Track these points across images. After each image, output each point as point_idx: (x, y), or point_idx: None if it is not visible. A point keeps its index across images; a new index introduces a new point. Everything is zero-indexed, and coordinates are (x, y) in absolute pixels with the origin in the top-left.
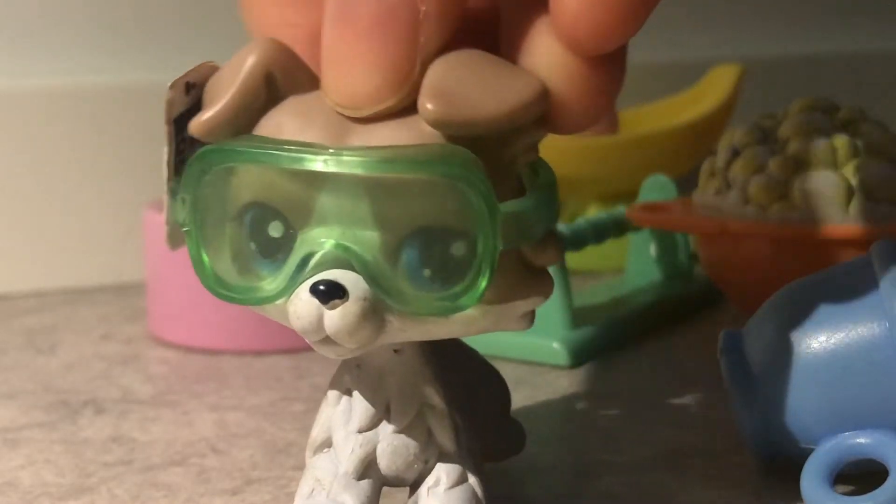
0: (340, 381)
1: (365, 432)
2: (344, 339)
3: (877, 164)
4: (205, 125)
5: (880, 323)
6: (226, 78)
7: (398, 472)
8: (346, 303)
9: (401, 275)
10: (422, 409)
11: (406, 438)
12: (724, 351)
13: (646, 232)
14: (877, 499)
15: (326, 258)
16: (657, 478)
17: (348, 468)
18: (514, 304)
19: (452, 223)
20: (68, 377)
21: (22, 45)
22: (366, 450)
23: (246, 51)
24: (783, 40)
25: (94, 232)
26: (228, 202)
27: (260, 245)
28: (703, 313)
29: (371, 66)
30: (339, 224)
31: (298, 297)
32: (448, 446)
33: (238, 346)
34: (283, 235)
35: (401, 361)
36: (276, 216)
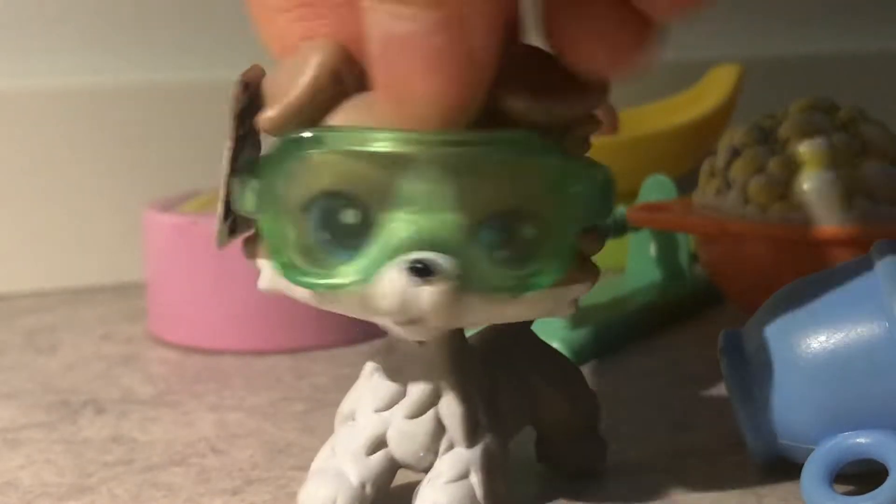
0: (373, 361)
1: (381, 412)
2: (434, 317)
3: (877, 164)
4: (275, 120)
5: (880, 323)
6: (287, 77)
7: (405, 457)
8: (439, 280)
9: (481, 255)
10: (435, 400)
11: (415, 425)
12: (724, 351)
13: (646, 232)
14: (877, 499)
15: (413, 240)
16: (657, 478)
17: (359, 443)
18: (571, 287)
19: (529, 205)
20: (68, 377)
21: (22, 45)
22: (377, 429)
23: (307, 51)
24: (783, 40)
25: (94, 232)
26: (296, 192)
27: (333, 233)
28: (703, 313)
29: (429, 100)
30: (422, 207)
31: (387, 277)
32: (459, 441)
33: (238, 346)
34: (359, 222)
35: (422, 352)
36: (351, 204)
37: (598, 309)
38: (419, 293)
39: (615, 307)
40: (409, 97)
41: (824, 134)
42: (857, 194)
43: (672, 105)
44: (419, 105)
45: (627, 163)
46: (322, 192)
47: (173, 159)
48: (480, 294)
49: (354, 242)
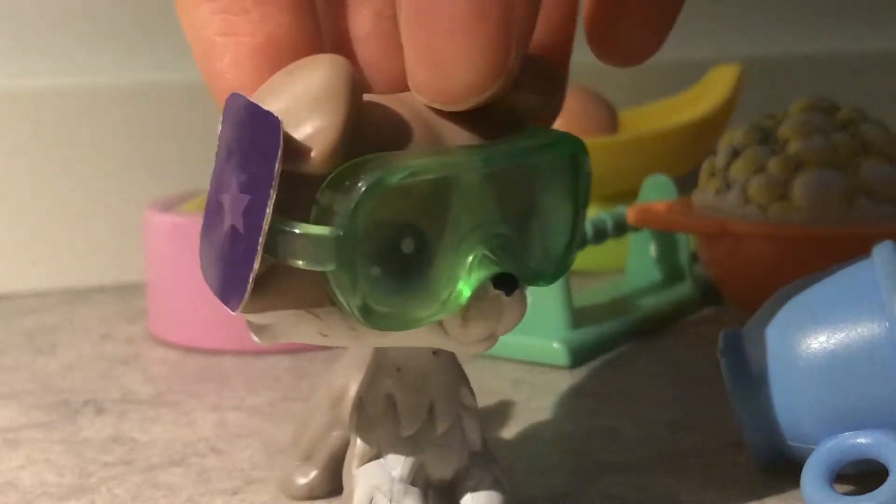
0: (379, 388)
1: (414, 436)
2: (513, 326)
3: (877, 164)
4: (326, 155)
5: (880, 323)
6: (307, 101)
7: (443, 473)
8: (519, 291)
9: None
10: (460, 410)
11: (448, 439)
12: (724, 351)
13: (646, 232)
14: (877, 499)
15: (485, 259)
16: (657, 478)
17: (403, 473)
18: None
19: (559, 195)
20: (68, 377)
21: (22, 45)
22: (417, 454)
23: (313, 67)
24: (783, 40)
25: (94, 232)
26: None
27: (387, 267)
28: (703, 313)
29: (468, 62)
30: (476, 223)
31: (480, 299)
32: (478, 445)
33: (238, 346)
34: (415, 251)
35: (440, 363)
36: (406, 232)
37: (598, 309)
38: (505, 307)
39: (615, 307)
40: (443, 56)
41: (824, 134)
42: (857, 194)
43: (672, 105)
44: (458, 69)
45: (627, 163)
46: (376, 225)
47: (173, 159)
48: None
49: (412, 273)
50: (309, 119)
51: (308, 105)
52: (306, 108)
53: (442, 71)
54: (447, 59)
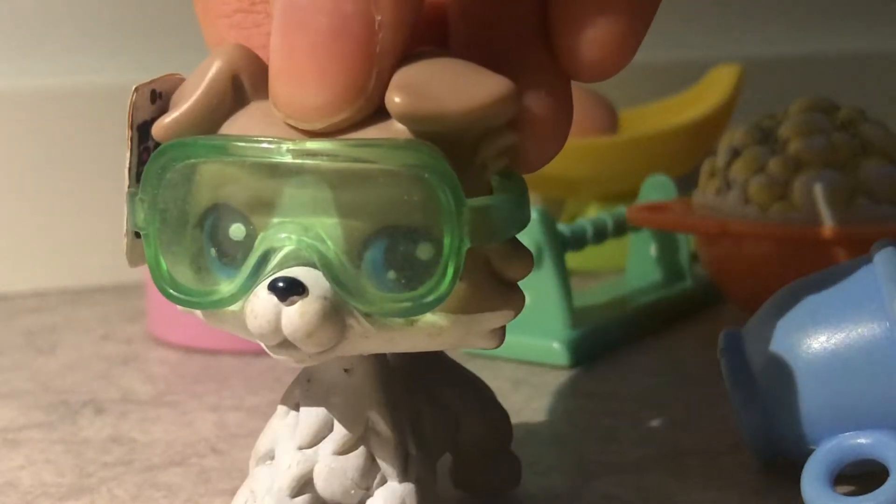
0: (291, 394)
1: (305, 449)
2: (302, 339)
3: (877, 164)
4: (168, 127)
5: (880, 323)
6: (191, 84)
7: (334, 496)
8: (305, 300)
9: (364, 274)
10: (366, 433)
11: (345, 461)
12: (724, 351)
13: (646, 232)
14: (877, 499)
15: (287, 256)
16: (657, 478)
17: (283, 484)
18: (483, 316)
19: (418, 221)
20: (68, 377)
21: (22, 45)
22: (303, 468)
23: (212, 57)
24: (783, 40)
25: (94, 232)
26: (189, 206)
27: (220, 249)
28: (703, 313)
29: (325, 79)
30: (302, 222)
31: (256, 295)
32: (392, 475)
33: (238, 346)
34: (244, 237)
35: (349, 382)
36: (237, 218)
37: (598, 309)
38: (285, 315)
39: (615, 307)
40: (300, 71)
41: (824, 134)
42: (857, 194)
43: (672, 105)
44: (309, 81)
45: (627, 163)
46: (212, 205)
47: None
48: (368, 318)
49: (238, 258)
50: (183, 94)
51: (189, 83)
52: (187, 86)
53: (297, 87)
54: (303, 75)
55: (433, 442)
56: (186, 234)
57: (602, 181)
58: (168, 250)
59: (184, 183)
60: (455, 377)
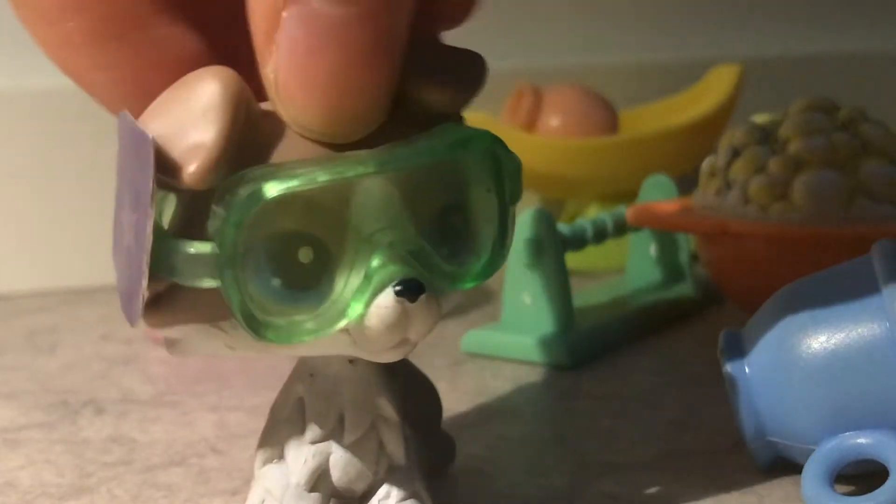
0: (291, 391)
1: (318, 444)
2: (426, 332)
3: (877, 164)
4: (201, 174)
5: (880, 323)
6: (187, 117)
7: (350, 484)
8: (426, 295)
9: (435, 255)
10: (375, 420)
11: (359, 450)
12: (724, 351)
13: (646, 232)
14: (877, 499)
15: (387, 263)
16: (657, 478)
17: (300, 479)
18: None
19: (459, 195)
20: (68, 377)
21: (22, 45)
22: (318, 461)
23: (196, 81)
24: (783, 40)
25: (95, 232)
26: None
27: (287, 278)
28: (703, 313)
29: (364, 93)
30: (377, 229)
31: (381, 306)
32: (398, 459)
33: None
34: (314, 261)
35: (355, 372)
36: (304, 242)
37: (598, 309)
38: (411, 314)
39: (615, 307)
40: (336, 88)
41: (824, 134)
42: (857, 194)
43: (672, 105)
44: (346, 96)
45: (627, 163)
46: (272, 237)
47: None
48: (441, 295)
49: (314, 282)
50: (190, 134)
51: (191, 121)
52: (189, 124)
53: (334, 102)
54: (339, 91)
55: (413, 423)
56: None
57: (602, 181)
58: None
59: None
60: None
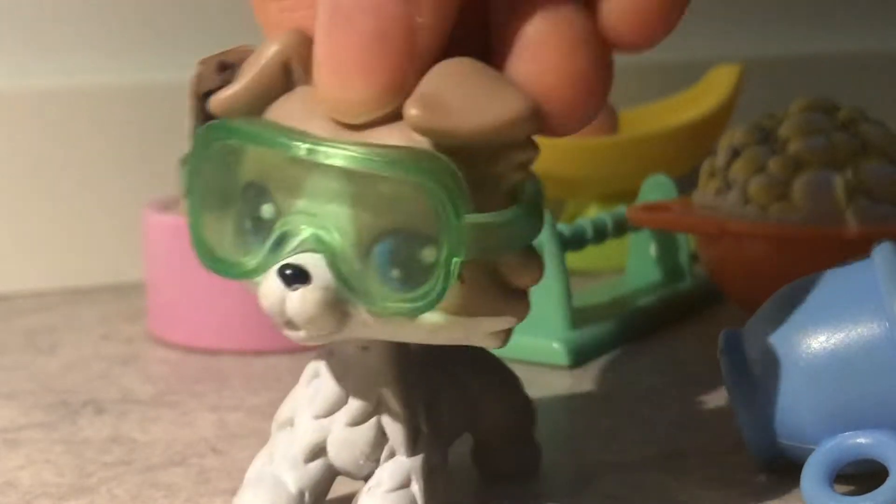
0: (313, 365)
1: (321, 419)
2: (302, 323)
3: (877, 164)
4: (223, 102)
5: (880, 323)
6: (251, 62)
7: (344, 465)
8: (307, 287)
9: (370, 271)
10: (378, 408)
11: (356, 433)
12: (724, 351)
13: (646, 232)
14: (877, 499)
15: (301, 243)
16: (657, 478)
17: (298, 450)
18: (484, 319)
19: (424, 227)
20: (68, 377)
21: (22, 45)
22: (317, 436)
23: (270, 41)
24: (783, 40)
25: (94, 232)
26: (234, 179)
27: (254, 223)
28: (703, 313)
29: (368, 78)
30: (320, 213)
31: (267, 277)
32: (400, 450)
33: (238, 346)
34: (271, 217)
35: (364, 358)
36: (269, 197)
37: (598, 309)
38: (286, 298)
39: (615, 307)
40: (346, 69)
41: (824, 134)
42: (857, 194)
43: (672, 105)
44: (354, 78)
45: (627, 163)
46: (251, 182)
47: (173, 159)
48: (369, 311)
49: (265, 235)
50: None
51: (245, 65)
52: (244, 67)
53: (342, 84)
54: (348, 72)
55: (449, 422)
56: (231, 204)
57: (602, 181)
58: (212, 218)
59: (227, 159)
60: (480, 361)
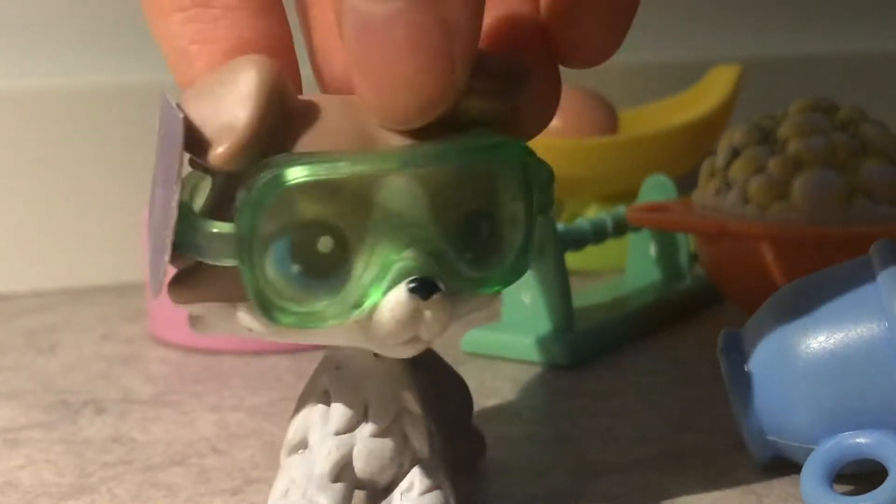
0: (317, 383)
1: (342, 434)
2: (437, 332)
3: (877, 164)
4: (229, 155)
5: (880, 323)
6: (223, 101)
7: (373, 475)
8: (439, 295)
9: (456, 260)
10: (399, 413)
11: (382, 442)
12: (724, 351)
13: (646, 232)
14: (877, 499)
15: (403, 260)
16: (657, 478)
17: (324, 470)
18: None
19: (488, 203)
20: (68, 377)
21: (22, 45)
22: (342, 452)
23: (236, 69)
24: (783, 40)
25: (94, 232)
26: (265, 228)
27: (305, 265)
28: (703, 313)
29: (413, 88)
30: (397, 225)
31: (392, 301)
32: (423, 452)
33: (238, 346)
34: (333, 250)
35: (380, 365)
36: (325, 231)
37: (598, 309)
38: (423, 312)
39: (615, 307)
40: (388, 83)
41: (824, 134)
42: (857, 194)
43: (672, 105)
44: (399, 91)
45: (627, 163)
46: (294, 224)
47: None
48: (456, 298)
49: (331, 272)
50: (223, 117)
51: (225, 105)
52: (224, 108)
53: (388, 97)
54: (392, 86)
55: (440, 418)
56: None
57: (602, 181)
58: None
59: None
60: (434, 356)
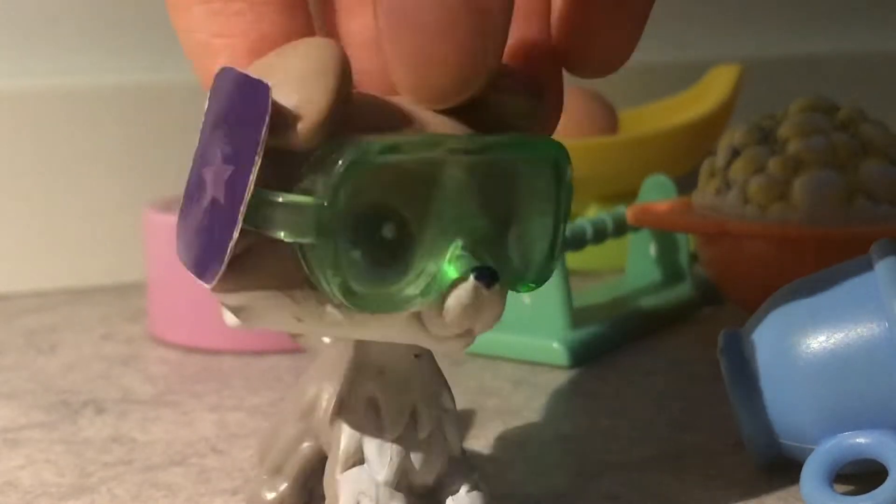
0: (359, 390)
1: (398, 441)
2: (490, 325)
3: (877, 164)
4: (310, 133)
5: (880, 323)
6: (295, 82)
7: (424, 478)
8: (498, 286)
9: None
10: (441, 412)
11: (430, 444)
12: (724, 351)
13: (646, 232)
14: (877, 499)
15: (469, 251)
16: (657, 478)
17: (387, 478)
18: None
19: (539, 201)
20: (68, 377)
21: (22, 45)
22: (402, 457)
23: (304, 47)
24: (783, 40)
25: (94, 232)
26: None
27: (367, 251)
28: (703, 313)
29: (445, 67)
30: (459, 214)
31: (461, 288)
32: (457, 449)
33: (238, 346)
34: (396, 236)
35: (421, 366)
36: (389, 217)
37: (598, 309)
38: (484, 301)
39: (615, 307)
40: (423, 62)
41: (824, 134)
42: (857, 194)
43: (672, 105)
44: (435, 70)
45: (627, 163)
46: (358, 207)
47: (173, 159)
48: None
49: (392, 258)
50: (298, 93)
51: (298, 80)
52: (296, 83)
53: (421, 75)
54: (425, 64)
55: None
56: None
57: (602, 181)
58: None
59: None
60: None
